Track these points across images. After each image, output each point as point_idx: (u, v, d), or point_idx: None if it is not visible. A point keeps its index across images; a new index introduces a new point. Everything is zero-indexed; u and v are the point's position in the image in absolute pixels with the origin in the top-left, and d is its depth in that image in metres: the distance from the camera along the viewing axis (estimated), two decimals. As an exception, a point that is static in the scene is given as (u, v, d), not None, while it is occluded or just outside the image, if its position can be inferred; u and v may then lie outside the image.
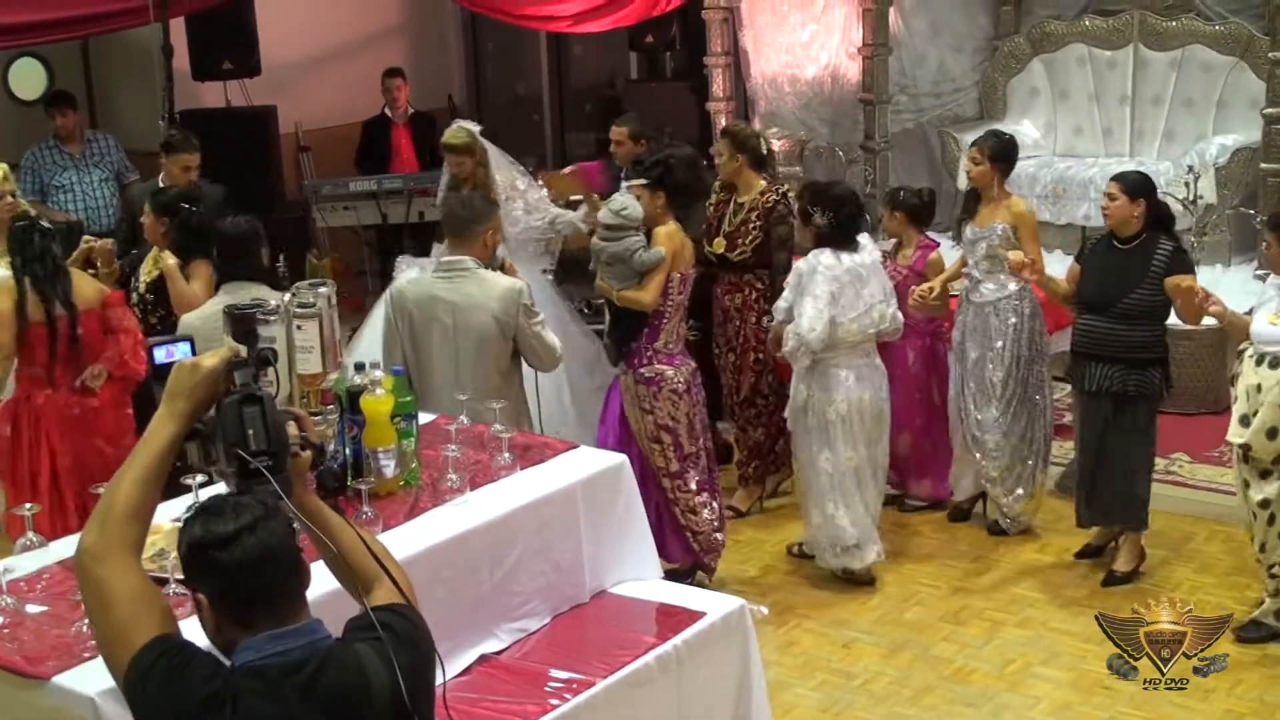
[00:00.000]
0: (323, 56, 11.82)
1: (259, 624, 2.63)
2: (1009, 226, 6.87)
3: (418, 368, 5.70)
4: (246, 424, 2.66)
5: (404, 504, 4.42)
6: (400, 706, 2.65)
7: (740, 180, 7.28)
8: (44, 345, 6.15)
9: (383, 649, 2.68)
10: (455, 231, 5.86)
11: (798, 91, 10.50)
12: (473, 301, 5.68)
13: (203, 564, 2.64)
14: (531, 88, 13.31)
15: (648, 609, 4.70)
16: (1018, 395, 6.98)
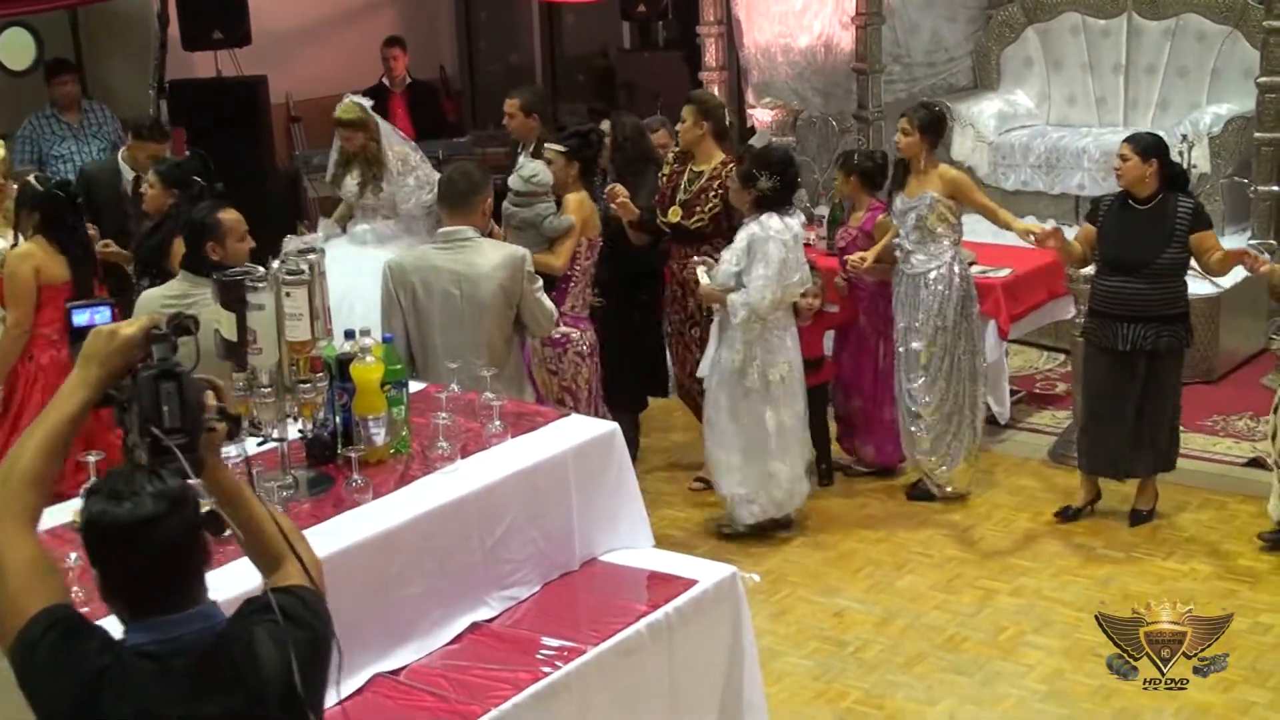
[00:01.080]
0: (313, 26, 11.76)
1: (151, 613, 2.59)
2: (939, 196, 6.93)
3: (420, 339, 5.67)
4: (162, 400, 2.60)
5: (394, 472, 4.41)
6: (290, 690, 2.60)
7: (700, 149, 7.26)
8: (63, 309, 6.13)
9: (277, 632, 2.63)
10: (454, 203, 5.81)
11: (791, 61, 10.45)
12: (478, 271, 5.65)
13: (97, 546, 2.59)
14: (524, 58, 13.26)
15: (638, 577, 4.69)
16: (944, 365, 7.05)
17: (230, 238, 5.27)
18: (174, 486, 2.55)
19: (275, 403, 4.20)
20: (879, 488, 7.40)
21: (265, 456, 4.39)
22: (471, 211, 5.79)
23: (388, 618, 4.11)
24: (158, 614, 2.58)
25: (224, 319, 4.19)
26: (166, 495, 2.54)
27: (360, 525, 4.10)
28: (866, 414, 7.50)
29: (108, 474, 2.66)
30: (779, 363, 6.62)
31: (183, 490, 2.57)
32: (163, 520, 2.53)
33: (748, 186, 6.54)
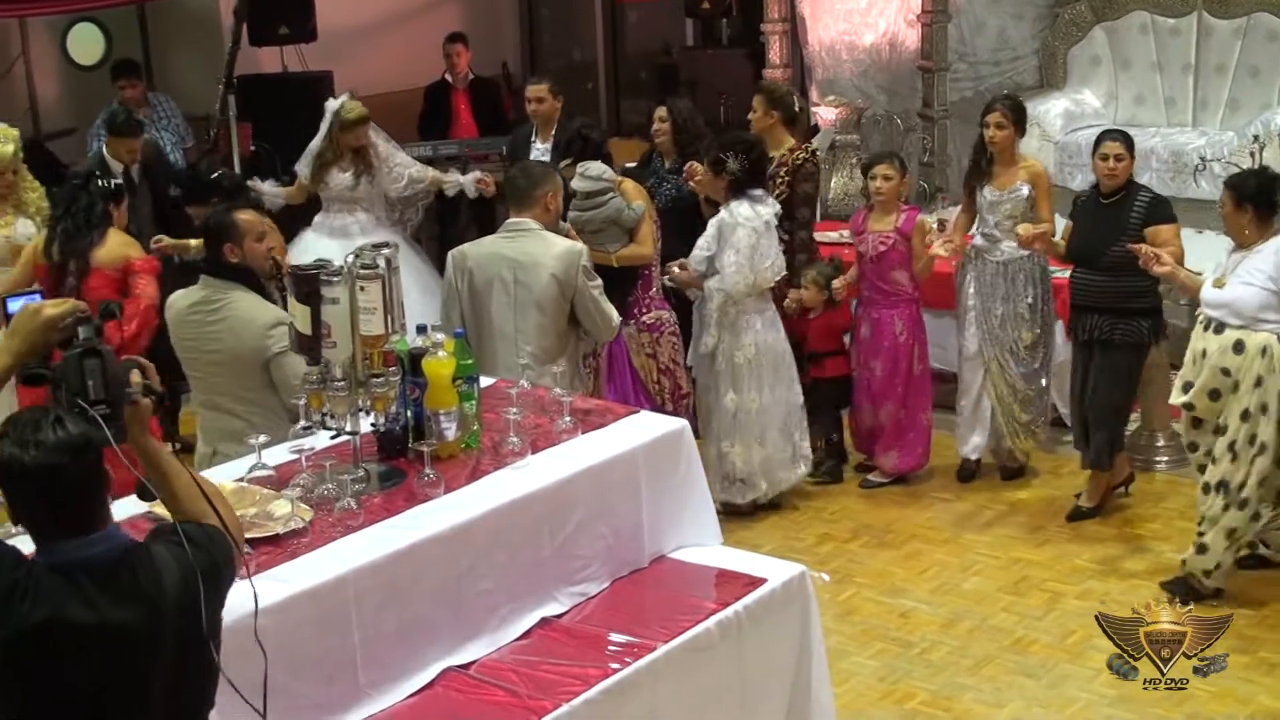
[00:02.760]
0: (378, 22, 11.81)
1: (58, 537, 2.83)
2: (1030, 186, 7.08)
3: (475, 327, 5.71)
4: (86, 375, 2.88)
5: (465, 467, 4.41)
6: (191, 604, 2.86)
7: (771, 137, 7.40)
8: (48, 289, 6.24)
9: (178, 551, 2.89)
10: (518, 199, 5.89)
11: (855, 59, 10.41)
12: (533, 259, 5.69)
13: (5, 484, 2.84)
14: (586, 54, 13.26)
15: (707, 574, 4.68)
16: (1042, 351, 7.27)
17: (248, 238, 5.25)
18: (75, 435, 2.80)
19: (348, 396, 4.21)
20: (944, 488, 7.35)
21: (338, 449, 4.41)
22: (532, 205, 5.85)
23: (459, 612, 4.12)
24: (64, 538, 2.83)
25: (298, 313, 4.22)
26: (68, 445, 2.79)
27: (432, 519, 4.10)
28: (898, 422, 7.38)
29: (14, 419, 2.86)
30: (744, 345, 6.81)
31: (84, 438, 2.81)
32: (65, 468, 2.78)
33: (719, 172, 6.73)
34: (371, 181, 8.33)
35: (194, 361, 5.29)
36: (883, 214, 7.25)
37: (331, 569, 3.84)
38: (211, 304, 5.20)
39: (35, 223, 7.13)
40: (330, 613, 3.80)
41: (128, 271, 6.44)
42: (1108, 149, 6.62)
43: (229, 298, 5.16)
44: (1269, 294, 5.79)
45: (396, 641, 3.95)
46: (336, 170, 8.23)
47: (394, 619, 3.94)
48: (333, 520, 4.05)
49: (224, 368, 5.19)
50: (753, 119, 7.53)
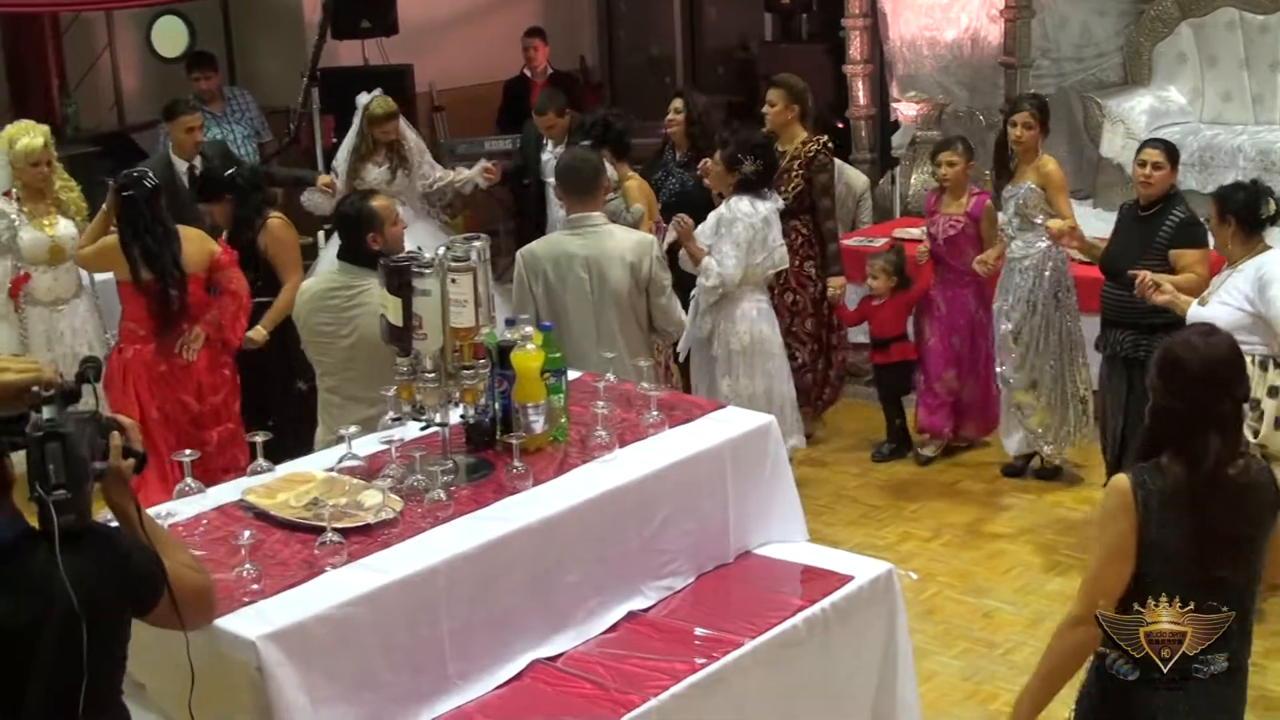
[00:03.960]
0: (457, 16, 11.86)
1: None
2: (1036, 185, 7.03)
3: (556, 325, 5.68)
4: (47, 459, 2.85)
5: (553, 460, 4.42)
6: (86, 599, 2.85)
7: (786, 131, 7.46)
8: (145, 304, 6.22)
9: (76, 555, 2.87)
10: (581, 189, 5.86)
11: (936, 54, 10.33)
12: (606, 254, 5.68)
13: None
14: (664, 49, 13.24)
15: (793, 571, 4.66)
16: (1034, 348, 7.13)
17: (387, 224, 5.35)
18: None
19: (439, 388, 4.23)
20: (1026, 488, 7.29)
21: (426, 440, 4.43)
22: (596, 196, 5.87)
23: (546, 604, 4.12)
24: None
25: (390, 304, 4.24)
26: None
27: (521, 511, 4.11)
28: (985, 395, 7.61)
29: None
30: (739, 332, 6.79)
31: None
32: None
33: (733, 169, 6.76)
34: (408, 175, 8.40)
35: (326, 347, 5.36)
36: (953, 198, 7.50)
37: (422, 559, 3.86)
38: (350, 290, 5.28)
39: (75, 223, 7.19)
40: (421, 603, 3.82)
41: (214, 268, 6.40)
42: (1145, 156, 6.41)
43: (366, 284, 5.22)
44: (1243, 314, 5.64)
45: (485, 632, 3.97)
46: (372, 166, 8.29)
47: (483, 610, 3.95)
48: (423, 511, 4.07)
49: (356, 354, 5.25)
50: (770, 113, 7.52)
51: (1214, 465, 3.45)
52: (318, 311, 5.38)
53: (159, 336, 6.24)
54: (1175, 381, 3.53)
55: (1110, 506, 3.55)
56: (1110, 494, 3.57)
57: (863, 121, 10.41)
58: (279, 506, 4.10)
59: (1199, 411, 3.50)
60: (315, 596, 3.68)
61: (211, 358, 6.40)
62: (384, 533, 3.97)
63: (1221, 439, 3.48)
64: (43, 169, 7.02)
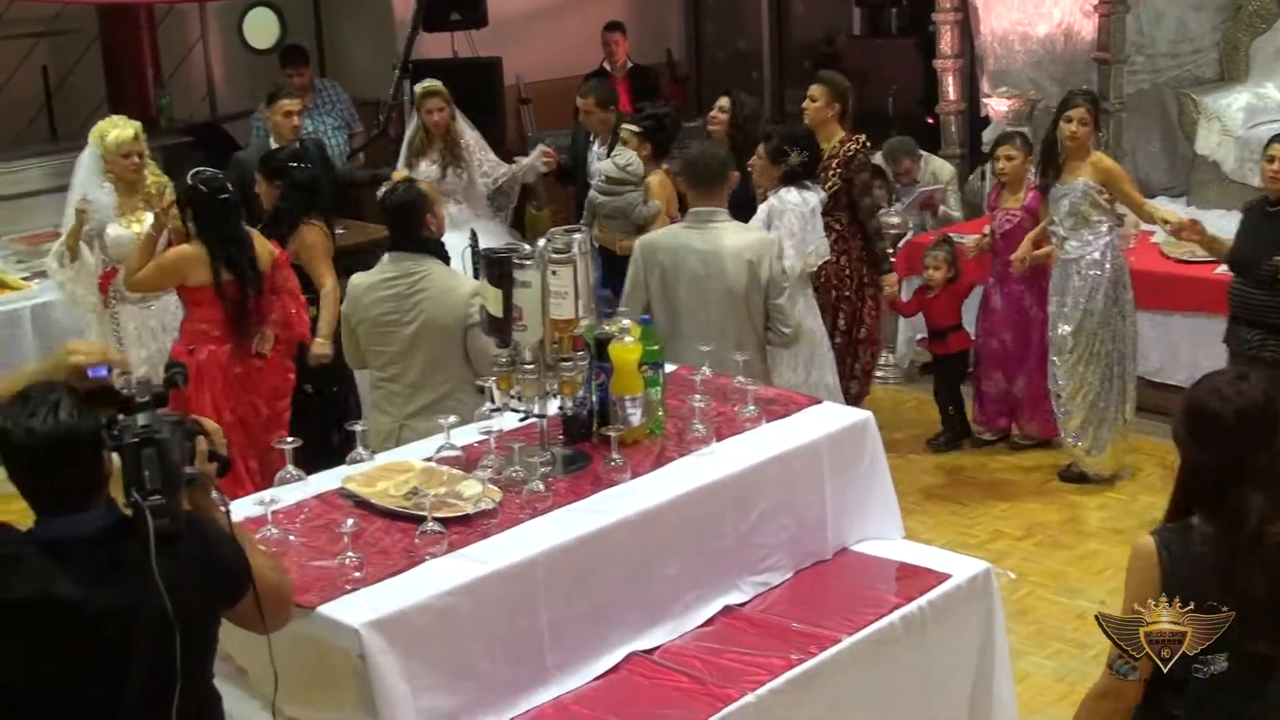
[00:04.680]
0: (545, 9, 11.87)
1: (52, 513, 2.91)
2: (1092, 182, 6.97)
3: (669, 320, 5.69)
4: (143, 465, 2.88)
5: (650, 453, 4.42)
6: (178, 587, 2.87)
7: (825, 128, 7.36)
8: (217, 304, 6.17)
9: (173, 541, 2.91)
10: (706, 183, 5.83)
11: (1028, 49, 10.22)
12: (724, 250, 5.65)
13: (4, 455, 2.91)
14: (751, 43, 13.18)
15: (890, 568, 4.63)
16: (1088, 351, 7.07)
17: (437, 204, 5.45)
18: (61, 429, 2.85)
19: (537, 379, 4.24)
20: (1120, 488, 7.22)
21: (523, 431, 4.44)
22: (721, 191, 5.82)
23: (644, 597, 4.12)
24: (56, 515, 2.91)
25: (490, 295, 4.25)
26: (52, 437, 2.85)
27: (619, 504, 4.11)
28: (1034, 392, 7.54)
29: (27, 390, 2.92)
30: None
31: (70, 433, 2.85)
32: (48, 455, 2.85)
33: (778, 162, 6.76)
34: (460, 174, 8.28)
35: (389, 336, 5.39)
36: (1011, 192, 7.56)
37: (521, 550, 3.87)
38: (411, 276, 5.33)
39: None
40: (520, 594, 3.83)
41: (275, 266, 6.40)
42: (1275, 150, 6.37)
43: (426, 269, 5.27)
44: None
45: (582, 624, 3.97)
46: (426, 162, 8.23)
47: (581, 602, 3.96)
48: (521, 502, 4.08)
49: (422, 340, 5.29)
50: (811, 109, 7.41)
51: (1257, 525, 3.19)
52: (379, 302, 5.40)
53: (235, 338, 6.21)
54: (1205, 434, 3.27)
55: (1134, 571, 3.33)
56: (1134, 558, 3.34)
57: (952, 117, 10.31)
58: (379, 495, 4.12)
59: (1233, 466, 3.23)
60: (416, 585, 3.69)
61: (278, 359, 6.40)
62: (483, 523, 3.98)
63: (1263, 495, 3.21)
64: (134, 160, 7.06)
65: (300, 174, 6.68)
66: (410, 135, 8.39)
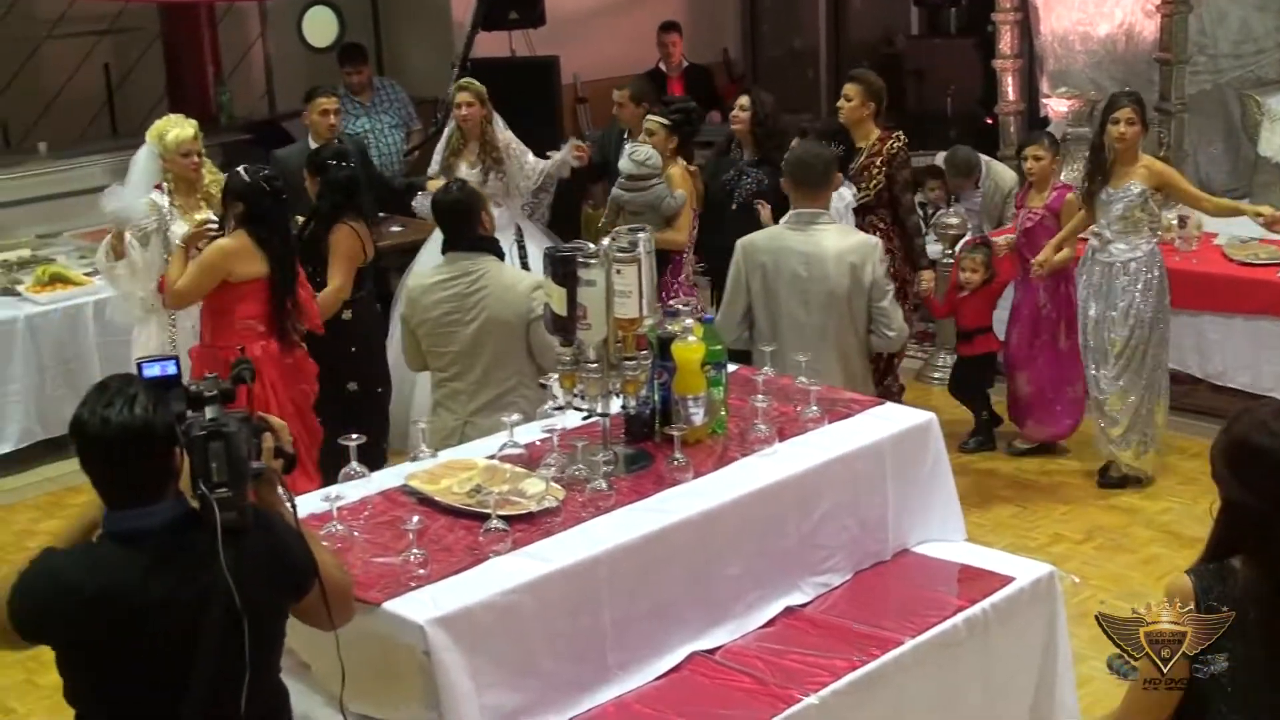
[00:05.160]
0: (603, 8, 11.89)
1: (122, 505, 2.97)
2: (1146, 186, 6.90)
3: (770, 322, 5.66)
4: (210, 458, 2.94)
5: (712, 453, 4.41)
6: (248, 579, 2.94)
7: (860, 127, 7.36)
8: (263, 296, 6.13)
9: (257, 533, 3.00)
10: (810, 182, 5.77)
11: (1089, 50, 10.14)
12: (826, 252, 5.62)
13: (79, 448, 2.97)
14: (807, 42, 13.14)
15: (952, 570, 4.61)
16: (1136, 357, 7.02)
17: (489, 203, 5.44)
18: (137, 421, 2.90)
19: (601, 378, 4.24)
20: (1181, 490, 7.15)
21: (585, 430, 4.44)
22: (825, 191, 5.79)
23: (706, 597, 4.12)
24: (126, 506, 2.96)
25: (554, 293, 4.26)
26: (127, 428, 2.90)
27: (681, 504, 4.12)
28: (1040, 391, 7.57)
29: (104, 383, 3.00)
30: None
31: (145, 426, 2.91)
32: (123, 447, 2.91)
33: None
34: (501, 177, 8.18)
35: (451, 336, 5.41)
36: (1037, 191, 7.51)
37: (585, 549, 3.88)
38: (470, 275, 5.37)
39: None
40: (583, 592, 3.84)
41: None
42: None
43: (484, 267, 5.30)
44: None
45: (645, 623, 3.97)
46: (465, 164, 8.11)
47: (643, 601, 3.96)
48: (584, 501, 4.09)
49: (484, 337, 5.31)
50: (846, 108, 7.39)
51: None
52: (439, 303, 5.41)
53: (281, 331, 6.20)
54: (1249, 473, 3.02)
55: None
56: (1169, 598, 3.09)
57: (1011, 117, 10.23)
58: (442, 492, 4.14)
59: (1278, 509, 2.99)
60: (481, 583, 3.71)
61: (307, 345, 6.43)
62: (546, 521, 3.99)
63: None
64: (193, 159, 7.05)
65: (336, 173, 6.62)
66: (448, 134, 8.35)
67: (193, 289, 6.17)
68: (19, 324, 7.96)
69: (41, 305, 8.08)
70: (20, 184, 9.27)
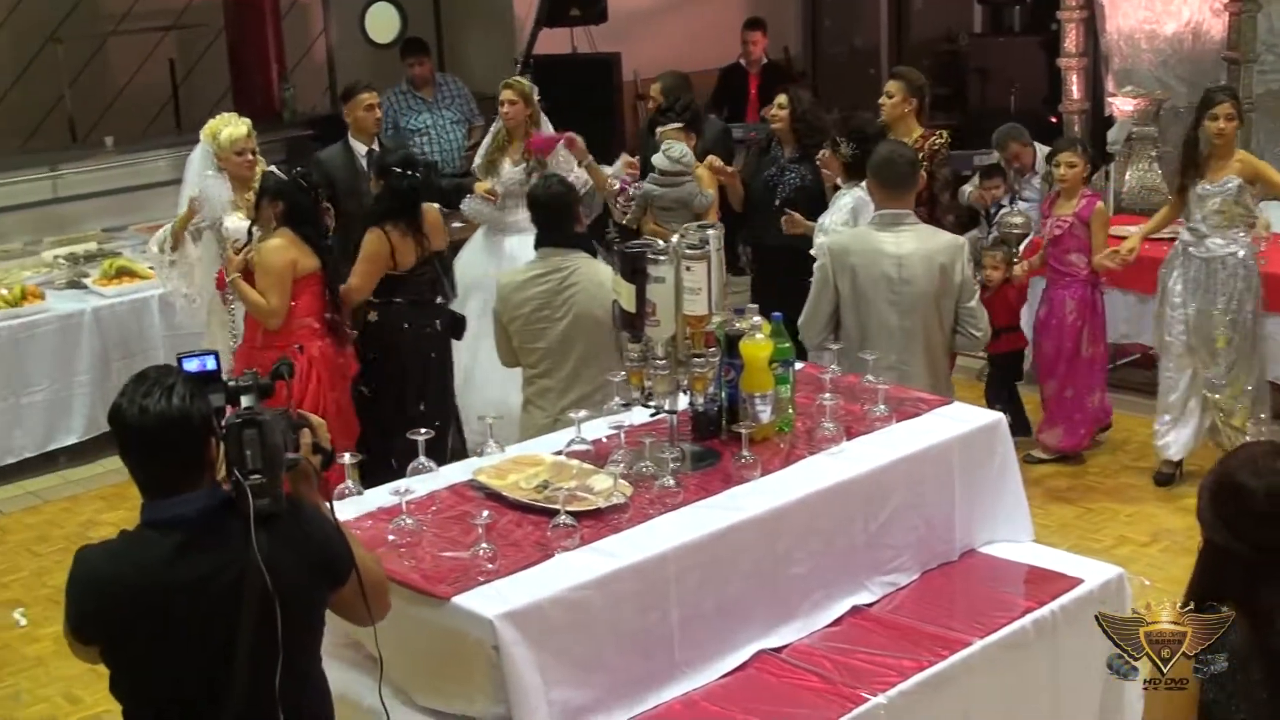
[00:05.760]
0: (664, 5, 11.88)
1: (157, 495, 3.02)
2: (1242, 180, 6.91)
3: (859, 325, 5.63)
4: (245, 445, 2.99)
5: (779, 450, 4.40)
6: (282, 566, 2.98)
7: (902, 124, 7.35)
8: (318, 291, 6.16)
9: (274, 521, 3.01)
10: (896, 182, 5.71)
11: (1155, 48, 10.05)
12: (916, 253, 5.58)
13: (117, 437, 3.03)
14: (868, 41, 13.11)
15: (1019, 571, 4.58)
16: (1244, 349, 7.06)
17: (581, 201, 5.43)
18: (176, 410, 2.96)
19: (669, 375, 4.24)
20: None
21: (652, 426, 4.43)
22: (910, 191, 5.74)
23: (773, 595, 4.11)
24: (163, 495, 3.01)
25: (623, 290, 4.25)
26: (165, 416, 2.96)
27: (749, 501, 4.11)
28: (1062, 400, 7.55)
29: (143, 373, 3.06)
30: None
31: (183, 413, 2.96)
32: (161, 435, 2.96)
33: (836, 152, 6.86)
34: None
35: (541, 333, 5.45)
36: (1066, 199, 7.48)
37: (653, 545, 3.87)
38: (561, 271, 5.41)
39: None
40: (651, 589, 3.83)
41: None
42: None
43: (574, 264, 5.30)
44: None
45: (712, 620, 3.97)
46: (509, 163, 8.08)
47: (711, 598, 3.95)
48: (651, 497, 4.09)
49: (575, 334, 5.32)
50: (888, 105, 7.38)
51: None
52: (529, 299, 5.43)
53: (334, 328, 6.23)
54: (1234, 516, 2.84)
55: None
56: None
57: (1076, 116, 10.16)
58: (510, 488, 4.15)
59: (1267, 557, 2.80)
60: (549, 578, 3.71)
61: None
62: (614, 518, 3.99)
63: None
64: (247, 157, 7.07)
65: (399, 181, 6.48)
66: (494, 130, 8.32)
67: (278, 298, 6.09)
68: (85, 316, 8.04)
69: (108, 298, 8.15)
70: (87, 178, 9.37)
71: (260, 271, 6.11)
